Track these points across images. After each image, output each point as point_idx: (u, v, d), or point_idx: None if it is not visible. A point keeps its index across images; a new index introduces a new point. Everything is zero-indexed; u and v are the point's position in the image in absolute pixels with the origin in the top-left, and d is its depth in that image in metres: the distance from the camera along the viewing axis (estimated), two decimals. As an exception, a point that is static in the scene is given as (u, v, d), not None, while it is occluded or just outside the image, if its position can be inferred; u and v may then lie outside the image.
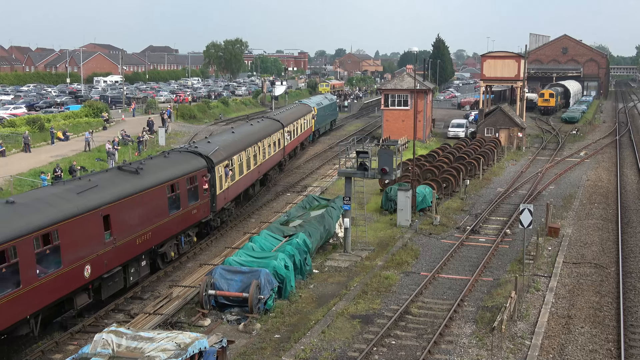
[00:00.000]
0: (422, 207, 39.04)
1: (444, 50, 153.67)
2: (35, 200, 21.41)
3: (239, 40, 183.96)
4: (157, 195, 27.04)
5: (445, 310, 24.23)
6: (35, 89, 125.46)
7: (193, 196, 30.46)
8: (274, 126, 49.02)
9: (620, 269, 29.01)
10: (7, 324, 18.83)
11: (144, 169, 27.28)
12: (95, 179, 24.80)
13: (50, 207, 21.18)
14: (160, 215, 27.25)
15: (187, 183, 29.78)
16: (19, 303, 19.13)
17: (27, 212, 20.29)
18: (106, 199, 23.60)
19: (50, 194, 22.28)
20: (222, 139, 38.90)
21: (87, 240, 22.38)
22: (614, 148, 67.38)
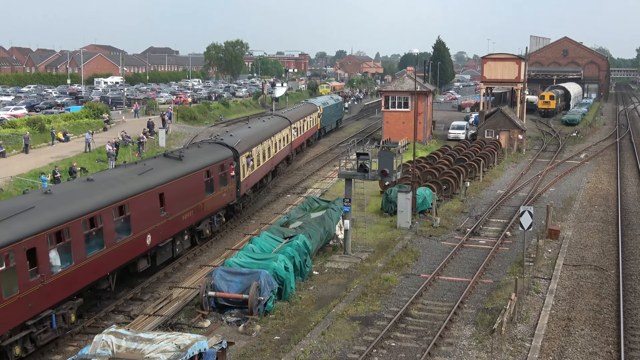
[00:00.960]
0: (422, 209, 39.03)
1: (444, 52, 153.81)
2: (108, 179, 25.52)
3: (240, 42, 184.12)
4: (197, 179, 31.06)
5: (445, 312, 24.22)
6: (36, 89, 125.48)
7: (223, 181, 34.29)
8: (283, 123, 52.68)
9: (620, 271, 29.01)
10: (95, 277, 23.09)
11: (185, 157, 31.14)
12: (149, 163, 28.79)
13: (122, 184, 25.31)
14: (199, 196, 31.22)
15: (219, 170, 33.60)
16: (103, 261, 23.39)
17: (105, 188, 24.43)
18: (161, 180, 27.68)
19: (118, 174, 26.43)
20: (241, 132, 42.37)
21: (149, 213, 26.48)
22: (614, 150, 67.40)
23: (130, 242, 25.09)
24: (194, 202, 30.54)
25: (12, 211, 19.93)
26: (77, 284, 22.11)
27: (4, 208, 20.24)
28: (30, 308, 19.68)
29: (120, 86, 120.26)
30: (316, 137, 71.27)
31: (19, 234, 19.22)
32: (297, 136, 58.31)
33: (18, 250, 19.07)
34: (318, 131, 71.73)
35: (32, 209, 20.49)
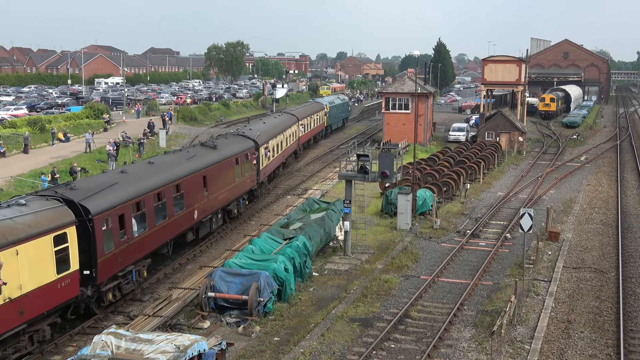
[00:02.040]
0: (423, 211, 39.03)
1: (445, 54, 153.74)
2: (165, 162, 30.22)
3: (240, 43, 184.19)
4: (229, 165, 35.61)
5: (444, 314, 24.22)
6: (37, 90, 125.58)
7: (247, 169, 38.73)
8: (291, 120, 56.78)
9: (620, 274, 28.99)
10: (160, 243, 27.84)
11: (218, 146, 35.63)
12: (192, 151, 33.33)
13: (176, 167, 29.91)
14: (230, 180, 35.62)
15: (244, 158, 37.98)
16: (165, 230, 27.97)
17: (164, 169, 29.01)
18: (203, 165, 32.18)
19: (171, 159, 31.24)
20: (258, 127, 46.40)
21: (195, 192, 30.97)
22: (614, 153, 67.40)
23: (183, 215, 29.65)
24: (226, 185, 35.09)
25: (103, 185, 24.26)
26: (149, 247, 26.72)
27: (97, 182, 24.73)
28: (120, 262, 24.22)
29: (120, 87, 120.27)
30: (323, 134, 75.12)
31: (113, 202, 23.74)
32: (304, 132, 62.28)
33: (113, 215, 23.61)
34: (325, 129, 75.39)
35: (117, 184, 24.94)
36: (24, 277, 19.20)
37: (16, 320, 19.09)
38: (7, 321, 18.73)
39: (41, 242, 19.91)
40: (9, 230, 18.95)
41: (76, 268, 21.57)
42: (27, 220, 19.84)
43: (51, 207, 21.16)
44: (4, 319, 18.59)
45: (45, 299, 20.21)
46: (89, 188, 23.66)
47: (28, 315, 19.56)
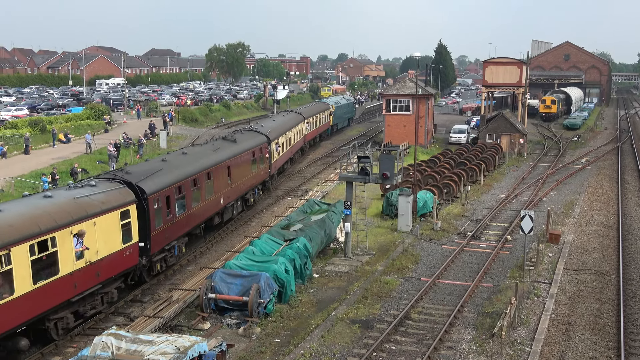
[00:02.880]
0: (423, 213, 39.03)
1: (446, 56, 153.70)
2: (196, 152, 33.98)
3: (241, 44, 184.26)
4: (247, 157, 39.23)
5: (445, 316, 24.20)
6: (38, 91, 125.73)
7: (261, 161, 42.24)
8: (298, 118, 59.89)
9: (620, 276, 28.97)
10: (195, 223, 31.18)
11: (237, 140, 39.12)
12: (216, 144, 37.27)
13: (206, 157, 33.40)
14: (247, 171, 39.27)
15: (259, 152, 41.42)
16: (199, 212, 31.42)
17: (197, 159, 32.50)
18: (227, 156, 35.76)
19: (201, 150, 35.00)
20: (269, 124, 49.73)
21: (222, 180, 34.52)
22: (615, 155, 67.39)
23: (212, 200, 33.13)
24: (245, 175, 38.72)
25: (151, 171, 27.82)
26: (187, 226, 30.31)
27: (145, 168, 28.38)
28: (166, 237, 27.90)
29: (121, 88, 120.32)
30: (329, 133, 78.14)
31: (161, 185, 27.32)
32: (310, 130, 65.37)
33: (162, 196, 27.27)
34: (330, 127, 78.38)
35: (162, 170, 28.40)
36: (99, 245, 22.89)
37: (94, 281, 22.88)
38: (88, 281, 22.43)
39: (111, 217, 23.61)
40: (89, 206, 22.66)
41: (136, 240, 25.27)
42: (100, 198, 23.52)
43: (116, 188, 24.91)
44: (86, 279, 22.27)
45: (114, 265, 23.90)
46: (141, 172, 27.27)
47: (102, 277, 23.32)
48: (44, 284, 20.17)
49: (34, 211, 20.59)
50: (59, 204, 21.67)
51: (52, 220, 20.65)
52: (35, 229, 19.82)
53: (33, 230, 19.74)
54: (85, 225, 21.95)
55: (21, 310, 19.42)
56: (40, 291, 20.04)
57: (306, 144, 64.31)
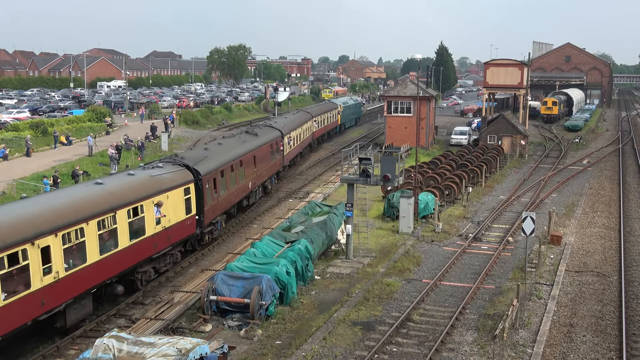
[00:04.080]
0: (425, 214, 39.02)
1: (447, 58, 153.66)
2: (229, 143, 38.90)
3: (242, 46, 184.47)
4: (267, 149, 43.96)
5: (446, 318, 24.19)
6: (39, 93, 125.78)
7: (277, 153, 47.00)
8: (307, 117, 64.07)
9: (622, 277, 28.96)
10: (233, 203, 36.39)
11: (258, 134, 44.09)
12: (242, 137, 41.93)
13: (237, 148, 38.46)
14: (267, 161, 43.97)
15: (275, 145, 46.31)
16: (235, 193, 36.59)
17: (230, 149, 37.47)
18: (253, 147, 40.74)
19: (232, 142, 39.61)
20: (281, 121, 54.48)
21: (250, 168, 39.31)
22: (616, 156, 67.35)
23: (243, 184, 38.09)
24: (265, 165, 43.41)
25: (200, 157, 32.50)
26: (227, 205, 35.17)
27: (195, 155, 33.14)
28: (213, 213, 32.55)
29: (123, 90, 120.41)
30: (337, 131, 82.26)
31: (210, 169, 32.04)
32: (318, 128, 69.61)
33: (210, 178, 31.93)
34: (338, 126, 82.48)
35: (207, 157, 32.96)
36: (170, 214, 27.71)
37: (167, 243, 27.74)
38: (163, 242, 27.39)
39: (178, 192, 28.60)
40: (163, 182, 27.59)
41: (194, 213, 30.07)
42: (170, 176, 28.52)
43: (179, 169, 29.81)
44: (162, 241, 27.23)
45: (180, 231, 28.80)
46: (194, 158, 32.09)
47: (172, 241, 28.23)
48: (135, 242, 25.15)
49: (126, 185, 25.86)
50: (141, 180, 26.89)
51: (141, 192, 25.81)
52: (131, 197, 25.01)
53: (129, 198, 24.92)
54: (162, 197, 26.96)
55: (121, 261, 24.32)
56: (134, 247, 25.04)
57: (314, 140, 68.15)
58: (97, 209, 22.89)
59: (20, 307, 19.23)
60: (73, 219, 21.59)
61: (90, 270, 22.43)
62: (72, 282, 21.48)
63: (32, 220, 20.16)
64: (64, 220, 21.17)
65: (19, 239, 19.11)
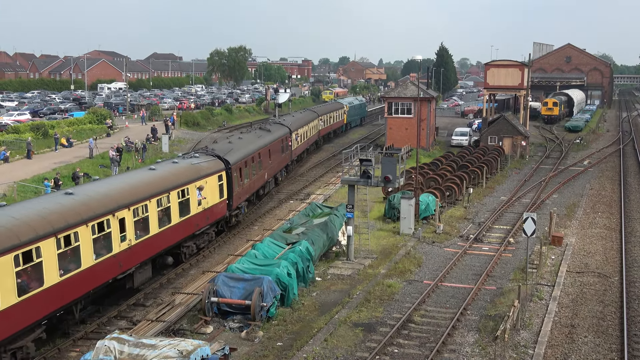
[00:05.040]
0: (425, 216, 39.01)
1: (447, 59, 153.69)
2: (248, 137, 42.74)
3: (243, 48, 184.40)
4: (278, 144, 48.01)
5: (448, 319, 24.18)
6: (40, 95, 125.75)
7: (286, 149, 51.16)
8: (313, 115, 67.66)
9: (623, 278, 28.95)
10: (253, 191, 40.18)
11: (271, 130, 48.07)
12: (258, 132, 45.99)
13: (255, 142, 42.18)
14: (279, 154, 48.14)
15: (284, 140, 50.40)
16: (255, 182, 40.48)
17: (250, 142, 41.36)
18: (267, 142, 44.67)
19: (250, 137, 43.27)
20: (289, 118, 58.91)
21: (265, 160, 43.32)
22: (617, 157, 67.34)
23: (261, 175, 42.00)
24: (277, 158, 47.38)
25: (228, 149, 36.44)
26: (248, 192, 39.02)
27: (223, 146, 37.17)
28: (239, 198, 36.38)
29: (123, 92, 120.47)
30: (343, 130, 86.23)
31: (237, 159, 35.96)
32: (324, 126, 73.16)
33: (237, 167, 35.76)
34: (344, 125, 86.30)
35: (233, 149, 36.69)
36: (208, 197, 31.54)
37: (205, 222, 31.66)
38: (203, 222, 31.34)
39: (214, 178, 32.45)
40: (202, 169, 31.47)
41: (225, 197, 34.09)
42: (206, 165, 32.40)
43: (212, 159, 33.51)
44: (202, 220, 31.11)
45: (215, 213, 32.66)
46: (222, 149, 35.98)
47: (209, 221, 32.11)
48: (183, 219, 29.02)
49: (174, 171, 29.87)
50: (185, 167, 30.77)
51: (186, 177, 29.79)
52: (179, 181, 29.03)
53: (178, 182, 28.88)
54: (202, 182, 30.75)
55: (173, 235, 28.34)
56: (182, 224, 29.01)
57: (320, 138, 71.57)
58: (156, 190, 27.10)
59: (106, 267, 23.39)
60: (140, 196, 25.82)
61: (152, 240, 26.59)
62: (139, 250, 25.66)
63: (112, 197, 24.40)
64: (133, 198, 25.36)
65: (105, 211, 23.38)
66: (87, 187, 25.60)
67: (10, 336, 18.92)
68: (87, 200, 23.17)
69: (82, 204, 22.73)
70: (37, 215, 20.66)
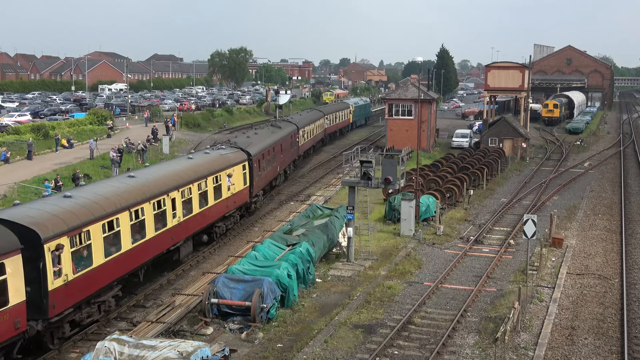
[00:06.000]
0: (426, 217, 39.01)
1: (448, 61, 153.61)
2: (262, 133, 46.50)
3: (244, 49, 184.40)
4: (288, 140, 52.03)
5: (448, 321, 24.17)
6: (40, 96, 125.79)
7: (294, 144, 55.09)
8: (319, 114, 71.15)
9: (624, 280, 28.94)
10: (269, 180, 44.89)
11: (281, 127, 52.05)
12: (270, 129, 49.69)
13: (269, 137, 46.19)
14: (288, 150, 51.96)
15: (293, 136, 54.22)
16: (270, 172, 44.86)
17: (265, 137, 45.19)
18: (279, 138, 48.50)
19: (264, 132, 47.34)
20: (296, 117, 63.13)
21: (278, 154, 47.17)
22: (618, 159, 67.32)
23: (274, 167, 45.99)
24: (287, 153, 51.38)
25: (248, 142, 40.40)
26: (266, 182, 43.56)
27: (244, 140, 41.17)
28: (259, 186, 40.45)
29: (124, 93, 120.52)
30: (349, 129, 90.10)
31: (256, 151, 39.86)
32: (330, 125, 76.53)
33: (257, 159, 39.53)
34: (350, 124, 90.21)
35: (252, 143, 40.57)
36: (236, 184, 35.53)
37: (233, 206, 35.63)
38: (231, 205, 35.29)
39: (239, 167, 36.48)
40: (230, 159, 35.65)
41: (248, 185, 37.93)
42: (232, 155, 36.56)
43: (236, 151, 37.64)
44: (230, 204, 35.19)
45: (240, 198, 36.72)
46: (244, 142, 40.07)
47: (236, 205, 36.24)
48: (216, 202, 33.06)
49: (208, 160, 34.09)
50: (216, 157, 34.94)
51: (218, 165, 33.79)
52: (213, 169, 33.04)
53: (212, 169, 32.92)
54: (232, 170, 34.95)
55: (209, 215, 32.21)
56: (216, 206, 32.99)
57: (326, 136, 75.15)
58: (197, 175, 31.15)
59: (162, 238, 27.41)
60: (186, 180, 29.87)
61: (194, 218, 30.58)
62: (185, 226, 29.62)
63: (165, 180, 28.57)
64: (181, 181, 29.47)
65: (161, 191, 27.49)
66: (144, 171, 29.93)
67: (99, 290, 23.08)
68: (148, 182, 27.32)
69: (144, 185, 26.84)
70: (114, 193, 24.80)
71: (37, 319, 19.97)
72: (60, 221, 21.03)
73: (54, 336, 21.37)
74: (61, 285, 20.65)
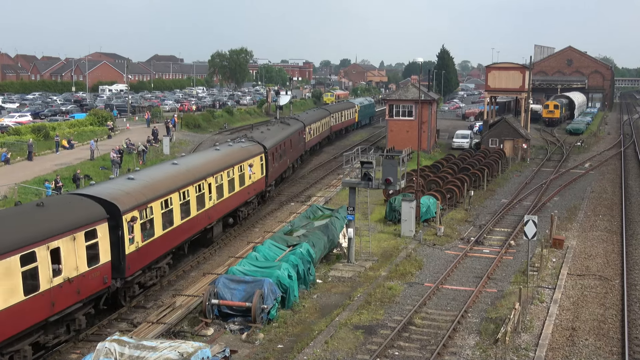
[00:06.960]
0: (426, 218, 39.00)
1: (448, 61, 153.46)
2: (274, 129, 50.28)
3: (244, 50, 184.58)
4: (296, 136, 55.22)
5: (448, 322, 24.16)
6: (41, 97, 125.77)
7: (301, 140, 58.23)
8: (325, 113, 74.88)
9: (624, 281, 28.93)
10: (281, 172, 48.33)
11: (290, 124, 55.55)
12: (281, 125, 53.53)
13: (280, 133, 49.69)
14: (295, 146, 54.94)
15: (300, 133, 57.42)
16: (282, 165, 48.36)
17: (277, 133, 48.94)
18: (288, 134, 51.78)
19: (275, 128, 51.22)
20: (303, 115, 66.97)
21: (286, 150, 50.09)
22: (618, 160, 67.29)
23: (285, 161, 49.58)
24: (295, 149, 54.45)
25: (263, 137, 44.51)
26: (277, 173, 46.67)
27: (259, 135, 45.01)
28: (272, 177, 44.21)
29: (124, 94, 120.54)
30: (354, 127, 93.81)
31: (270, 145, 43.50)
32: (336, 123, 79.75)
33: (271, 152, 43.40)
34: (356, 123, 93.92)
35: (266, 138, 44.25)
36: (253, 175, 38.81)
37: (254, 192, 39.60)
38: (252, 192, 39.25)
39: (257, 159, 40.15)
40: (249, 152, 39.34)
41: (264, 175, 41.46)
42: (251, 148, 40.18)
43: (254, 145, 41.12)
44: (252, 191, 39.00)
45: (257, 186, 40.27)
46: (260, 137, 43.84)
47: (255, 192, 40.03)
48: (241, 189, 36.94)
49: (232, 151, 37.86)
50: (239, 149, 38.88)
51: (240, 156, 37.63)
52: (237, 159, 36.99)
53: (237, 160, 36.89)
54: (251, 161, 38.70)
55: (235, 200, 36.12)
56: (240, 192, 36.88)
57: (332, 133, 78.46)
58: (226, 164, 34.98)
59: (201, 217, 31.32)
60: (217, 168, 33.74)
61: (225, 202, 34.41)
62: (218, 208, 33.43)
63: (202, 167, 32.58)
64: (215, 168, 33.40)
65: (201, 177, 31.34)
66: (184, 160, 34.04)
67: (158, 257, 27.05)
68: (189, 169, 31.25)
69: (187, 172, 30.77)
70: (166, 177, 29.03)
71: (117, 277, 23.86)
72: (132, 198, 25.05)
73: (126, 295, 25.25)
74: (134, 251, 24.66)
